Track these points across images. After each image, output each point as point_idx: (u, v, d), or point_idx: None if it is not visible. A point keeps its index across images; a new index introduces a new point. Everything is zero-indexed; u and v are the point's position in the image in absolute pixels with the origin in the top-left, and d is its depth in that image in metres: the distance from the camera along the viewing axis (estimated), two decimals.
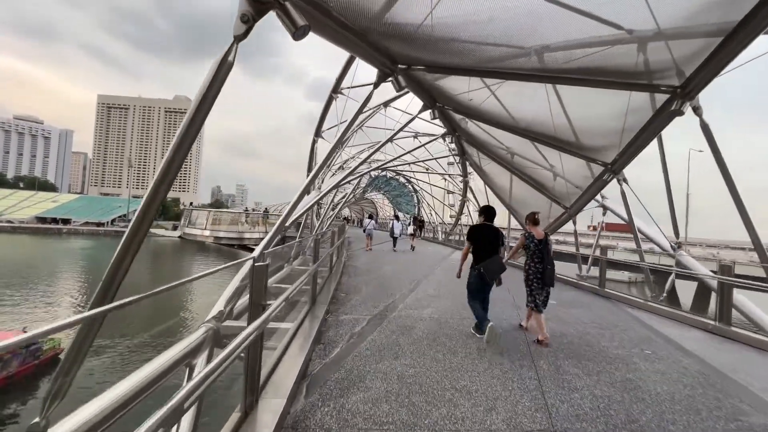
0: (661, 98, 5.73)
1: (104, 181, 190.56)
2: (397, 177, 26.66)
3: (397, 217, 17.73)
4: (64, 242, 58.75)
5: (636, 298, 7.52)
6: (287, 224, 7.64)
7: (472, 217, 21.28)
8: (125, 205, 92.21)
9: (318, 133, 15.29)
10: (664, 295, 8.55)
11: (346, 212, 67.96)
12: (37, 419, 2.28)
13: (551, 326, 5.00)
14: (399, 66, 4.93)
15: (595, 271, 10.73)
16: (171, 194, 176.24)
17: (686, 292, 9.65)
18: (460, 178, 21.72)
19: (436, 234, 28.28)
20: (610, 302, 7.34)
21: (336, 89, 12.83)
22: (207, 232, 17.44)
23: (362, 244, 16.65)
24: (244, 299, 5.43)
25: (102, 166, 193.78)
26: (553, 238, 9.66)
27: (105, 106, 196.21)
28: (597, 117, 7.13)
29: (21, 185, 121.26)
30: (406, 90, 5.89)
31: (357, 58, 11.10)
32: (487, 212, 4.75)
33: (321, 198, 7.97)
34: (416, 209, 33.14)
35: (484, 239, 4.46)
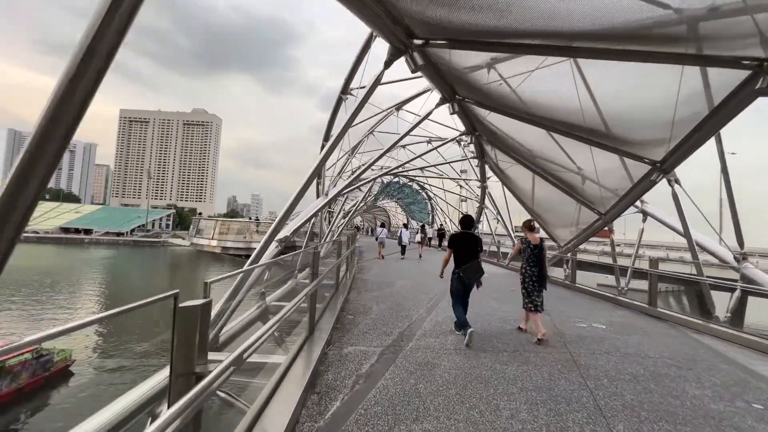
0: (727, 78, 4.67)
1: (125, 192, 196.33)
2: (410, 183, 25.73)
3: (405, 226, 19.75)
4: (85, 252, 60.16)
5: (697, 319, 6.30)
6: (290, 234, 6.81)
7: (490, 225, 20.08)
8: (144, 215, 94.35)
9: (327, 138, 14.56)
10: (728, 314, 7.29)
11: (358, 220, 67.48)
12: None
13: (613, 360, 3.94)
14: (414, 41, 4.07)
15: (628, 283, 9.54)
16: (189, 204, 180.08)
17: (750, 309, 8.36)
18: (477, 184, 20.65)
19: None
20: (667, 325, 6.14)
21: (345, 90, 12.09)
22: (214, 242, 16.86)
23: (373, 255, 15.82)
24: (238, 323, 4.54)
25: (123, 177, 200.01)
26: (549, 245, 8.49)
27: (127, 120, 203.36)
28: (643, 106, 6.07)
29: (47, 197, 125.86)
30: (419, 74, 5.01)
31: (366, 56, 10.38)
32: (465, 222, 5.12)
33: (327, 205, 7.12)
34: (430, 217, 32.08)
35: (463, 246, 4.80)
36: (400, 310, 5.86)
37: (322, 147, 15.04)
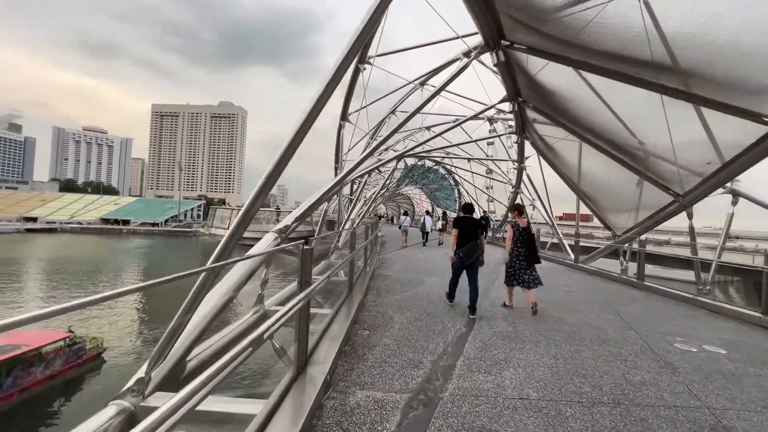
0: None
1: (159, 184, 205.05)
2: (435, 167, 23.95)
3: (428, 213, 18.23)
4: (124, 242, 63.20)
5: None
6: (291, 222, 5.58)
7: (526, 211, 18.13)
8: (176, 206, 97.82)
9: (344, 116, 13.16)
10: None
11: (381, 209, 66.29)
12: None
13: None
14: (503, 41, 2.59)
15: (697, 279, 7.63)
16: (218, 195, 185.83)
17: None
18: (509, 166, 18.68)
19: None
20: None
21: (363, 58, 10.58)
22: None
23: (396, 246, 14.51)
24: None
25: (156, 170, 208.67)
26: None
27: (158, 115, 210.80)
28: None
29: (89, 190, 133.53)
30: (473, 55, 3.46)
31: (384, 16, 8.82)
32: (466, 208, 5.54)
33: (338, 186, 5.80)
34: (456, 204, 30.21)
35: (464, 228, 5.11)
36: (431, 321, 4.47)
37: (339, 128, 13.68)
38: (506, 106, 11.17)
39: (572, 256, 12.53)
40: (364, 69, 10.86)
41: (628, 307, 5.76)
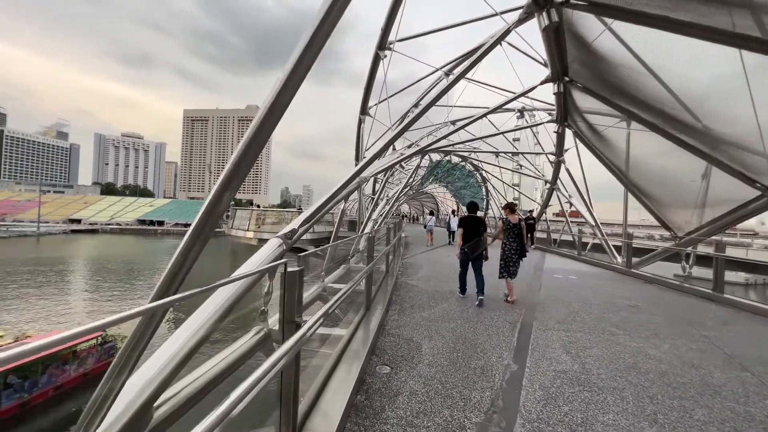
0: None
1: (191, 186, 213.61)
2: (462, 163, 22.64)
3: (454, 213, 18.36)
4: (158, 242, 66.18)
5: None
6: (298, 226, 4.78)
7: (562, 207, 16.56)
8: None
9: (364, 110, 12.32)
10: None
11: (404, 208, 65.23)
12: None
13: None
14: None
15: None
16: (246, 196, 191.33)
17: None
18: (543, 160, 17.17)
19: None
20: None
21: (383, 44, 9.68)
22: (250, 234, 15.75)
23: (420, 248, 13.56)
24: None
25: (188, 172, 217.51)
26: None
27: (189, 119, 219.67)
28: None
29: (127, 192, 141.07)
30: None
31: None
32: (471, 207, 6.00)
33: (350, 182, 4.94)
34: (484, 202, 28.73)
35: (469, 226, 5.63)
36: (469, 351, 3.51)
37: (359, 122, 12.87)
38: (540, 94, 9.92)
39: (618, 260, 11.08)
40: (385, 56, 9.95)
41: (721, 333, 4.53)
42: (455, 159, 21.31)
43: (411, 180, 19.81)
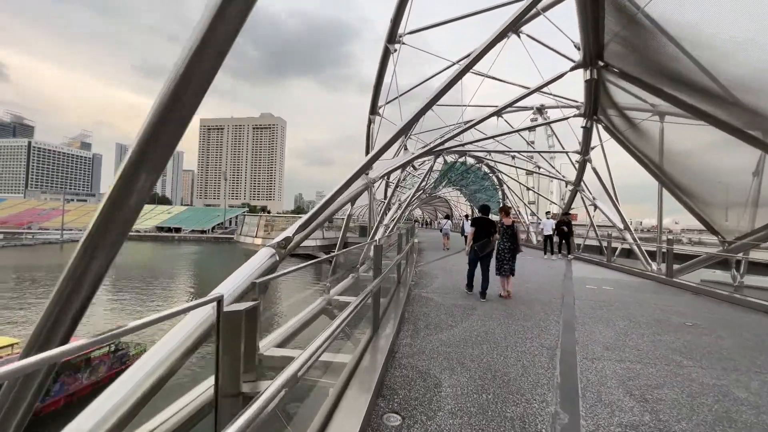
0: None
1: (207, 194, 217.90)
2: (478, 165, 21.73)
3: (467, 217, 18.12)
4: (176, 248, 67.42)
5: None
6: (293, 234, 4.18)
7: (587, 210, 15.48)
8: (222, 214, 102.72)
9: (374, 110, 11.72)
10: None
11: (417, 213, 64.31)
12: None
13: None
14: None
15: None
16: (260, 202, 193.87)
17: None
18: (570, 160, 16.16)
19: (528, 237, 22.62)
20: None
21: (393, 37, 9.06)
22: (258, 241, 15.32)
23: (435, 254, 12.81)
24: None
25: (205, 180, 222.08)
26: None
27: (206, 128, 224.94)
28: None
29: (146, 200, 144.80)
30: None
31: None
32: (483, 209, 6.49)
33: (350, 184, 4.31)
34: (499, 206, 27.66)
35: (480, 227, 5.98)
36: (503, 393, 2.74)
37: (369, 122, 12.27)
38: (562, 89, 9.10)
39: (654, 267, 10.03)
40: (395, 50, 9.32)
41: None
42: (470, 161, 20.47)
43: (423, 183, 19.06)
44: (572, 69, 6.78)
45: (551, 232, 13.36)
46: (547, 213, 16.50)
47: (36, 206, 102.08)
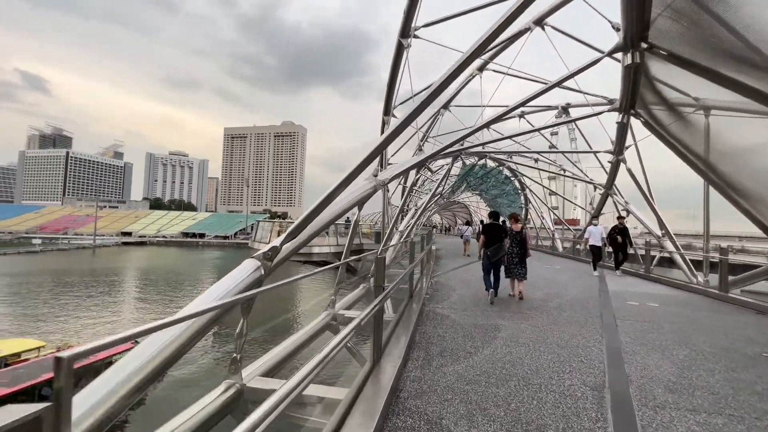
0: None
1: (230, 200, 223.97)
2: (499, 168, 20.77)
3: (481, 222, 17.77)
4: (200, 253, 69.35)
5: None
6: (282, 242, 3.64)
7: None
8: (245, 220, 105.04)
9: (387, 111, 11.18)
10: None
11: (435, 218, 63.16)
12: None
13: None
14: None
15: None
16: (281, 209, 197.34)
17: None
18: (598, 161, 15.03)
19: (554, 243, 21.35)
20: None
21: (406, 32, 8.51)
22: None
23: (454, 262, 12.06)
24: None
25: (228, 187, 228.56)
26: None
27: (229, 137, 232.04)
28: None
29: (172, 207, 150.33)
30: None
31: None
32: (493, 215, 6.94)
33: (347, 184, 3.72)
34: (523, 212, 26.43)
35: (491, 233, 6.34)
36: None
37: (383, 124, 11.73)
38: (590, 85, 8.20)
39: (700, 279, 8.90)
40: (409, 45, 8.77)
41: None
42: (490, 164, 19.56)
43: (440, 188, 18.30)
44: (610, 54, 5.97)
45: (600, 243, 10.92)
46: (594, 219, 13.80)
47: (72, 213, 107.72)
